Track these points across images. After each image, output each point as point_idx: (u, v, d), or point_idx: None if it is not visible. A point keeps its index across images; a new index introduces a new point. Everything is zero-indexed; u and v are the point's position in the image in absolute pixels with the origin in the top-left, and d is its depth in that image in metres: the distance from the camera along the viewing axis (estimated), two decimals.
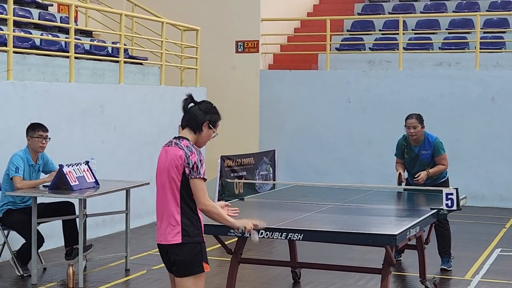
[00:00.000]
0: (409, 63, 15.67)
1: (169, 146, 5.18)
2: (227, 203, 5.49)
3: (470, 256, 9.79)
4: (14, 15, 10.47)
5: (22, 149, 8.58)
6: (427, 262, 8.03)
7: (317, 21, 17.64)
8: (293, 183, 9.88)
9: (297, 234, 6.18)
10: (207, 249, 5.18)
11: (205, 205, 4.98)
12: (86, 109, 10.91)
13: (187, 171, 4.97)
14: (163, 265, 8.80)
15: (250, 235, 5.21)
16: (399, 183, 8.91)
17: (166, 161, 5.10)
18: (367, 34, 17.47)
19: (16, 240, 8.85)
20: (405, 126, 9.03)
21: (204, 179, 4.99)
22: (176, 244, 5.00)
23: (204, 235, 5.10)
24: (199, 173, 4.96)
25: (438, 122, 14.83)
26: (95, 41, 13.25)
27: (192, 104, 5.25)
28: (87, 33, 13.92)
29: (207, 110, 5.20)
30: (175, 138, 5.21)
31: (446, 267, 8.99)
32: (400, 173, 8.99)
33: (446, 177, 9.28)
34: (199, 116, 5.17)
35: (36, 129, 8.54)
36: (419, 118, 9.00)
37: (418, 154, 9.01)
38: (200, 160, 5.01)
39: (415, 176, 8.87)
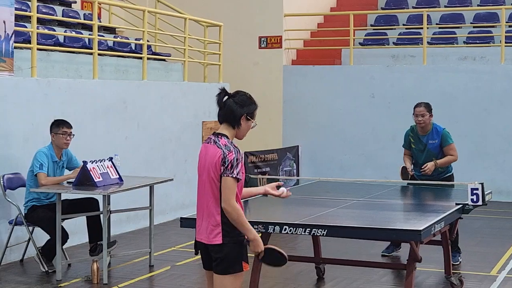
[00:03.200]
0: (433, 57, 15.57)
1: (208, 143, 5.04)
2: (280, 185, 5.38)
3: (495, 252, 9.71)
4: (38, 13, 10.52)
5: (46, 145, 8.62)
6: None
7: (340, 16, 17.57)
8: (317, 179, 9.86)
9: (321, 230, 6.16)
10: None
11: (229, 205, 4.87)
12: (109, 106, 10.94)
13: (222, 169, 4.89)
14: (187, 261, 8.81)
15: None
16: (405, 178, 8.88)
17: (206, 160, 5.00)
18: (391, 29, 17.38)
19: (41, 237, 8.90)
20: (413, 114, 9.03)
21: (237, 179, 4.89)
22: (217, 244, 4.93)
23: None
24: (232, 172, 4.87)
25: (463, 117, 14.75)
26: (118, 38, 13.29)
27: (226, 97, 5.11)
28: (110, 30, 13.97)
29: (242, 102, 5.05)
30: (214, 134, 5.07)
31: (453, 262, 8.81)
32: (403, 167, 8.98)
33: (451, 172, 9.22)
34: (236, 111, 5.02)
35: (60, 126, 8.58)
36: (428, 107, 9.03)
37: (425, 144, 9.01)
38: (237, 159, 4.90)
39: (422, 167, 8.82)
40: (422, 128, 9.01)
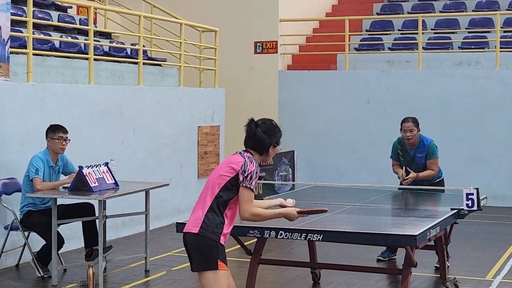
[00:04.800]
0: (428, 62, 15.60)
1: (234, 154, 5.28)
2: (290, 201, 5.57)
3: (491, 257, 9.72)
4: (33, 18, 10.53)
5: (42, 150, 8.62)
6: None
7: (336, 21, 17.59)
8: (313, 184, 9.85)
9: (316, 235, 6.17)
10: (227, 250, 5.19)
11: (250, 214, 5.11)
12: (105, 111, 10.95)
13: (241, 177, 5.09)
14: (183, 266, 8.82)
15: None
16: (403, 180, 8.95)
17: (223, 163, 5.26)
18: (386, 34, 17.41)
19: (37, 241, 8.90)
20: (400, 130, 9.08)
21: (253, 191, 5.11)
22: (193, 233, 5.09)
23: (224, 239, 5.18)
24: (250, 183, 5.08)
25: (458, 122, 14.79)
26: (114, 43, 13.29)
27: (254, 126, 5.33)
28: (106, 35, 13.97)
29: (270, 132, 5.32)
30: (243, 150, 5.33)
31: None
32: (402, 171, 9.03)
33: (442, 177, 9.28)
34: (265, 140, 5.28)
35: (56, 131, 8.58)
36: (415, 122, 9.06)
37: (413, 157, 9.08)
38: (256, 173, 5.13)
39: (405, 178, 8.93)
40: (411, 143, 9.07)
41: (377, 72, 15.66)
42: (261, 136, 5.27)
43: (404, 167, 9.09)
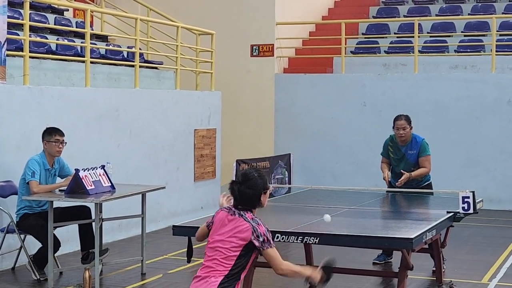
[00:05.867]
0: (424, 66, 15.63)
1: (231, 214, 5.09)
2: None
3: (486, 260, 9.74)
4: (30, 21, 10.52)
5: (38, 153, 8.62)
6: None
7: (332, 25, 17.62)
8: (309, 187, 9.86)
9: (313, 238, 6.17)
10: None
11: (282, 270, 5.11)
12: (102, 114, 10.95)
13: (257, 243, 4.98)
14: (179, 269, 8.82)
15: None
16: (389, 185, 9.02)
17: (226, 228, 5.06)
18: (382, 37, 17.44)
19: (33, 244, 8.89)
20: (393, 127, 9.14)
21: (274, 246, 5.07)
22: None
23: None
24: (270, 243, 5.03)
25: (454, 125, 14.81)
26: (110, 46, 13.30)
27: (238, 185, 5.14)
28: (103, 38, 13.97)
29: (255, 186, 5.11)
30: (236, 208, 5.12)
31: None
32: (386, 174, 9.08)
33: (430, 181, 9.30)
34: (254, 196, 5.10)
35: (52, 134, 8.57)
36: (408, 119, 9.11)
37: (404, 154, 9.11)
38: (268, 230, 5.06)
39: (399, 180, 8.94)
40: (403, 140, 9.12)
41: (373, 75, 15.69)
42: (249, 193, 5.09)
43: (390, 169, 9.16)
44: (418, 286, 8.41)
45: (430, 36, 17.00)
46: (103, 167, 8.65)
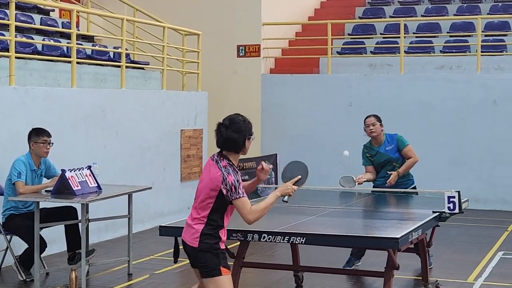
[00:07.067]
0: (410, 66, 15.69)
1: (213, 161, 5.42)
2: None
3: (472, 259, 9.79)
4: (16, 21, 10.49)
5: (24, 154, 8.59)
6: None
7: (318, 25, 17.66)
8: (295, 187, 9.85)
9: (299, 238, 6.19)
10: None
11: (249, 220, 5.29)
12: (88, 114, 10.93)
13: (225, 192, 5.21)
14: (166, 269, 8.81)
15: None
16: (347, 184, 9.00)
17: (207, 177, 5.36)
18: (368, 38, 17.49)
19: (19, 245, 8.87)
20: (364, 127, 9.26)
21: (242, 197, 5.23)
22: (193, 247, 5.31)
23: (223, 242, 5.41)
24: (238, 193, 5.20)
25: (440, 126, 14.86)
26: (96, 46, 13.27)
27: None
28: (89, 38, 13.94)
29: (239, 129, 5.38)
30: (218, 154, 5.43)
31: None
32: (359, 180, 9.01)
33: (414, 185, 9.30)
34: (238, 140, 5.36)
35: (40, 135, 8.54)
36: (377, 117, 9.23)
37: (383, 153, 9.15)
38: (237, 181, 5.24)
39: (387, 181, 9.00)
40: (375, 138, 9.19)
41: (359, 75, 15.73)
42: (234, 136, 5.34)
43: (376, 176, 9.19)
44: (404, 285, 8.44)
45: (416, 37, 17.06)
46: (89, 167, 8.64)
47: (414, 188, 9.28)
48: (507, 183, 14.48)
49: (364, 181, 9.07)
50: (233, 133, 5.34)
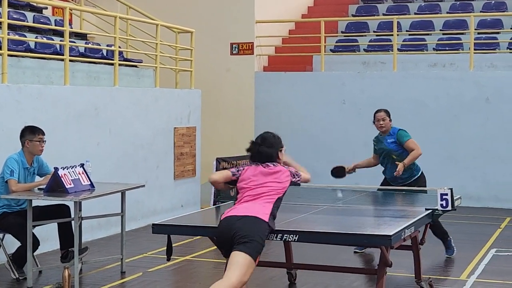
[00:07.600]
0: (403, 64, 15.70)
1: (264, 167, 6.40)
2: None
3: (465, 256, 9.80)
4: (8, 18, 10.47)
5: (17, 152, 8.57)
6: (422, 262, 8.04)
7: (311, 23, 17.66)
8: None
9: (292, 235, 6.20)
10: (203, 251, 5.22)
11: (309, 177, 6.98)
12: (81, 112, 10.92)
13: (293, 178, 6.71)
14: (159, 267, 8.81)
15: None
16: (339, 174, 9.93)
17: (276, 174, 6.47)
18: (362, 36, 17.50)
19: (12, 243, 8.85)
20: (373, 121, 9.68)
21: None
22: (261, 219, 6.06)
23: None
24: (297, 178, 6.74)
25: (433, 123, 14.89)
26: (89, 44, 13.25)
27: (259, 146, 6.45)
28: (82, 36, 13.92)
29: (271, 144, 6.54)
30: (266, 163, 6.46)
31: (448, 255, 9.66)
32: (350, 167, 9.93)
33: (419, 174, 9.64)
34: (272, 153, 6.50)
35: (36, 133, 8.51)
36: (387, 112, 9.68)
37: (383, 143, 9.59)
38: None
39: (395, 172, 9.33)
40: (384, 131, 9.62)
41: (352, 73, 15.74)
42: (267, 151, 6.38)
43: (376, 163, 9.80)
44: (397, 283, 8.45)
45: (409, 34, 17.09)
46: (82, 165, 8.63)
47: (419, 178, 9.54)
48: (500, 181, 14.52)
49: (356, 168, 9.93)
50: (267, 149, 6.35)
